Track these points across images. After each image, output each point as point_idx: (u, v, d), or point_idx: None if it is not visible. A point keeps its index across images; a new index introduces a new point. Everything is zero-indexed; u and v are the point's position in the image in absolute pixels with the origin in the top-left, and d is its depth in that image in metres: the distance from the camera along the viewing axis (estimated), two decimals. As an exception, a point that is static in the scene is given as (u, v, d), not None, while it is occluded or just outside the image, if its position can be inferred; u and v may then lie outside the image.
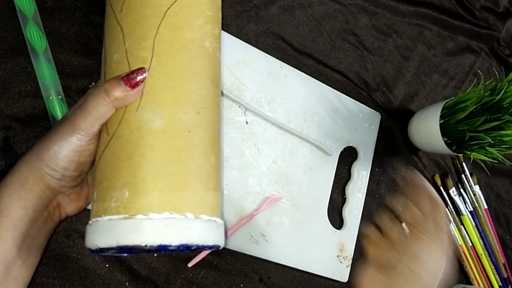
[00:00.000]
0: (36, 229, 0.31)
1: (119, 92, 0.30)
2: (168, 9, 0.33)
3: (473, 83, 0.73)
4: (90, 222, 0.31)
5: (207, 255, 0.47)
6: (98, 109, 0.30)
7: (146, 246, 0.28)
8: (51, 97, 0.41)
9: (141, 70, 0.31)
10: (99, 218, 0.30)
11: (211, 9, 0.36)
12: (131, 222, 0.28)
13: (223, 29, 0.45)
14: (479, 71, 0.74)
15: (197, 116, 0.32)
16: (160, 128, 0.31)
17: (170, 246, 0.29)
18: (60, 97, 0.41)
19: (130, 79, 0.30)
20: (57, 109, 0.41)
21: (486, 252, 0.68)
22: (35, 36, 0.41)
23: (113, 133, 0.31)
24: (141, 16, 0.33)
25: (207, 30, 0.35)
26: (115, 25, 0.33)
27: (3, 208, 0.30)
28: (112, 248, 0.29)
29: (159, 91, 0.31)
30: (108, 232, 0.29)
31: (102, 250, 0.29)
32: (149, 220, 0.28)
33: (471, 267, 0.67)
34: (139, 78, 0.31)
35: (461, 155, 0.69)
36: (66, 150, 0.31)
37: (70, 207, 0.35)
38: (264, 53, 0.53)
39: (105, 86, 0.30)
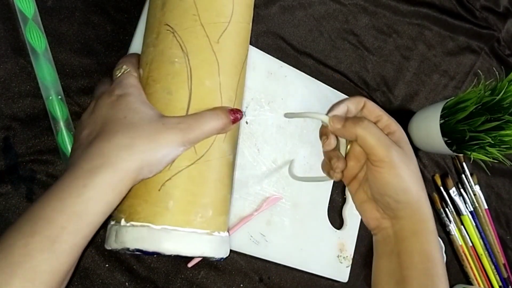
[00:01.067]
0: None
1: (227, 121, 0.35)
2: (245, 59, 0.39)
3: (473, 83, 0.73)
4: (163, 227, 0.33)
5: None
6: (210, 128, 0.34)
7: (215, 258, 0.36)
8: (50, 97, 0.41)
9: (241, 112, 0.37)
10: (178, 228, 0.33)
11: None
12: (212, 238, 0.35)
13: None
14: (479, 71, 0.74)
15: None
16: (231, 161, 0.38)
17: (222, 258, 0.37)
18: (60, 97, 0.41)
19: (236, 114, 0.36)
20: (57, 109, 0.41)
21: (486, 252, 0.68)
22: (35, 36, 0.41)
23: (203, 155, 0.35)
24: (234, 55, 0.38)
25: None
26: (208, 52, 0.36)
27: (88, 208, 0.29)
28: (192, 257, 0.35)
29: (233, 130, 0.38)
30: (193, 243, 0.34)
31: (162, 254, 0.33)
32: (220, 237, 0.36)
33: (471, 267, 0.67)
34: (239, 117, 0.36)
35: (461, 155, 0.69)
36: (172, 156, 0.33)
37: None
38: (264, 53, 0.53)
39: (217, 112, 0.35)
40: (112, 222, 0.34)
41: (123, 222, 0.33)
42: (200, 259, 0.46)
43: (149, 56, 0.37)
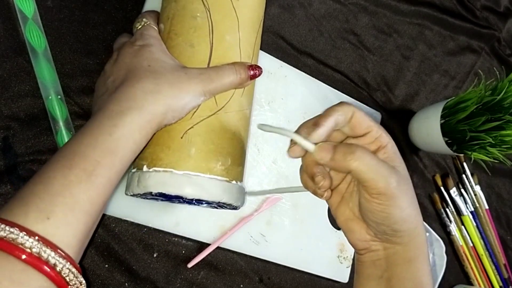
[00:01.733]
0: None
1: (245, 76, 0.37)
2: (262, 19, 0.41)
3: (474, 83, 0.72)
4: (185, 172, 0.34)
5: (207, 255, 0.47)
6: (230, 81, 0.36)
7: (231, 204, 0.37)
8: (50, 97, 0.41)
9: (260, 68, 0.38)
10: (200, 174, 0.35)
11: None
12: (231, 186, 0.37)
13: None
14: (480, 71, 0.74)
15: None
16: (248, 115, 0.40)
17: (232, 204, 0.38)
18: (59, 96, 0.41)
19: (254, 70, 0.37)
20: (56, 109, 0.41)
21: (487, 252, 0.68)
22: (35, 36, 0.41)
23: (223, 106, 0.37)
24: (252, 12, 0.39)
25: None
26: (229, 8, 0.38)
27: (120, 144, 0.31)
28: (207, 202, 0.36)
29: (250, 86, 0.40)
30: (213, 189, 0.35)
31: (183, 199, 0.35)
32: (238, 186, 0.38)
33: (471, 268, 0.67)
34: (258, 73, 0.38)
35: (462, 155, 0.69)
36: (193, 104, 0.35)
37: None
38: (264, 52, 0.53)
39: (238, 67, 0.36)
40: (134, 170, 0.36)
41: (145, 168, 0.35)
42: (200, 259, 0.46)
43: (170, 11, 0.38)
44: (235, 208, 0.39)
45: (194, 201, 0.36)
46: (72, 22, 0.44)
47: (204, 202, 0.37)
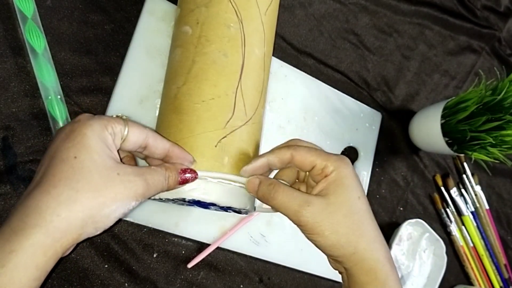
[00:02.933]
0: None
1: (173, 183, 0.33)
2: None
3: (474, 83, 0.72)
4: (220, 180, 0.35)
5: (207, 255, 0.47)
6: (160, 186, 0.32)
7: (249, 211, 0.39)
8: (50, 97, 0.41)
9: (195, 172, 0.34)
10: (233, 183, 0.36)
11: None
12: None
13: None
14: (480, 71, 0.74)
15: None
16: (262, 127, 0.41)
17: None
18: (59, 96, 0.41)
19: (185, 175, 0.34)
20: (56, 109, 0.41)
21: (487, 252, 0.68)
22: (34, 36, 0.41)
23: (251, 117, 0.38)
24: (273, 28, 0.42)
25: None
26: (258, 22, 0.39)
27: (13, 282, 0.25)
28: (232, 209, 0.37)
29: (265, 97, 0.41)
30: (242, 197, 0.37)
31: (215, 205, 0.36)
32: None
33: (472, 268, 0.67)
34: (190, 179, 0.34)
35: (462, 155, 0.69)
36: (121, 211, 0.29)
37: None
38: (264, 52, 0.53)
39: (168, 173, 0.33)
40: None
41: None
42: (199, 260, 0.46)
43: (200, 16, 0.38)
44: (246, 213, 0.40)
45: (210, 206, 0.37)
46: (72, 22, 0.44)
47: (226, 209, 0.37)
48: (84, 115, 0.31)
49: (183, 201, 0.36)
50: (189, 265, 0.45)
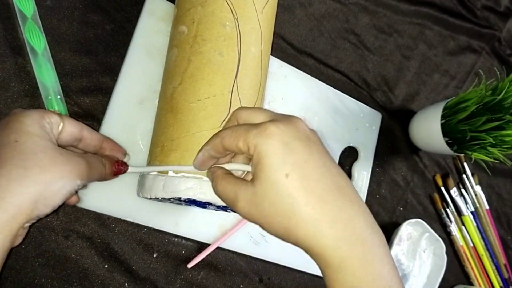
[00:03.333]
0: None
1: (109, 171, 0.35)
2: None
3: (474, 83, 0.72)
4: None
5: (207, 255, 0.47)
6: (99, 172, 0.34)
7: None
8: (50, 97, 0.41)
9: (126, 165, 0.37)
10: None
11: None
12: None
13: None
14: (480, 71, 0.74)
15: None
16: None
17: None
18: (59, 96, 0.41)
19: (119, 167, 0.36)
20: (56, 109, 0.41)
21: (487, 252, 0.68)
22: (34, 36, 0.41)
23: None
24: (271, 26, 0.41)
25: None
26: (255, 21, 0.38)
27: None
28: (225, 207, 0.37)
29: (263, 96, 0.41)
30: None
31: (211, 204, 0.36)
32: None
33: (472, 268, 0.67)
34: (122, 171, 0.36)
35: (462, 155, 0.69)
36: (68, 189, 0.30)
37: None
38: (264, 52, 0.53)
39: (104, 160, 0.35)
40: (154, 173, 0.36)
41: (171, 173, 0.35)
42: (199, 260, 0.46)
43: (196, 15, 0.38)
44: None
45: (206, 205, 0.36)
46: (72, 22, 0.44)
47: (224, 208, 0.37)
48: (18, 109, 0.32)
49: (179, 201, 0.36)
50: (189, 265, 0.45)
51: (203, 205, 0.36)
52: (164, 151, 0.36)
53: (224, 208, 0.38)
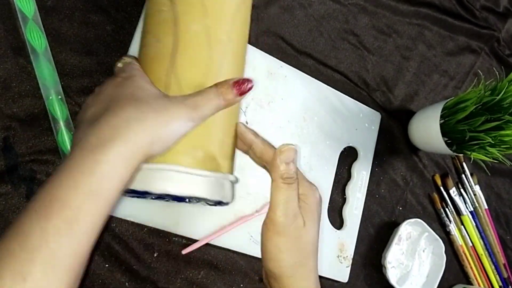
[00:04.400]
0: None
1: (231, 96, 0.34)
2: (241, 2, 0.39)
3: (473, 83, 0.73)
4: (154, 166, 0.33)
5: (206, 254, 0.47)
6: (216, 105, 0.34)
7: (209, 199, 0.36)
8: (51, 97, 0.41)
9: (249, 80, 0.35)
10: (172, 167, 0.34)
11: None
12: (204, 180, 0.36)
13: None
14: (479, 71, 0.74)
15: None
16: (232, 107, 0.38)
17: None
18: (60, 97, 0.41)
19: (241, 87, 0.35)
20: (57, 109, 0.41)
21: (486, 252, 0.68)
22: (35, 36, 0.41)
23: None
24: (222, 0, 0.38)
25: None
26: (195, 2, 0.36)
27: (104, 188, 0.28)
28: (183, 198, 0.35)
29: (225, 72, 0.37)
30: (183, 182, 0.35)
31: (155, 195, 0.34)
32: (215, 178, 0.36)
33: (471, 267, 0.67)
34: (248, 87, 0.35)
35: (461, 155, 0.69)
36: (181, 131, 0.32)
37: None
38: (264, 53, 0.53)
39: (221, 90, 0.34)
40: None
41: (146, 167, 0.34)
42: (196, 247, 0.45)
43: (144, 11, 0.39)
44: (221, 203, 0.37)
45: (152, 195, 0.35)
46: (72, 22, 0.44)
47: (179, 198, 0.36)
48: (122, 68, 0.35)
49: (153, 196, 0.35)
50: (184, 252, 0.45)
51: (180, 199, 0.35)
52: None
53: (177, 198, 0.36)
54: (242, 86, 0.35)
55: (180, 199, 0.35)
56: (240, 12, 0.39)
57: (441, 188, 0.67)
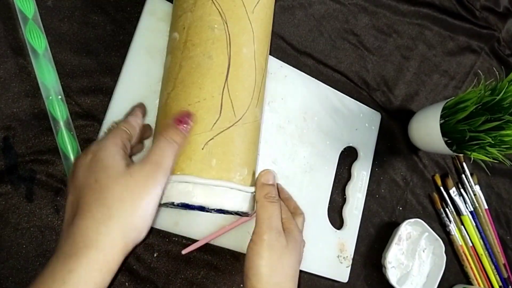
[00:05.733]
0: None
1: (179, 137, 0.34)
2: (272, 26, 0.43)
3: (474, 83, 0.73)
4: (204, 182, 0.35)
5: (206, 254, 0.47)
6: (171, 153, 0.34)
7: (247, 213, 0.40)
8: (50, 97, 0.41)
9: (187, 113, 0.36)
10: (222, 184, 0.36)
11: None
12: (249, 195, 0.39)
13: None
14: (480, 71, 0.74)
15: None
16: (260, 125, 0.41)
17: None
18: (60, 97, 0.41)
19: (182, 122, 0.35)
20: (57, 109, 0.41)
21: (486, 252, 0.68)
22: (35, 36, 0.41)
23: (241, 118, 0.37)
24: (265, 25, 0.41)
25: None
26: (245, 21, 0.38)
27: None
28: (226, 211, 0.38)
29: (261, 96, 0.40)
30: (234, 199, 0.37)
31: (204, 209, 0.36)
32: (252, 195, 0.40)
33: (471, 267, 0.67)
34: (187, 123, 0.35)
35: (461, 155, 0.69)
36: (153, 205, 0.32)
37: None
38: (264, 53, 0.53)
39: (168, 135, 0.34)
40: None
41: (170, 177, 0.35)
42: (196, 247, 0.45)
43: (186, 21, 0.38)
44: (247, 215, 0.40)
45: (207, 209, 0.37)
46: (72, 22, 0.44)
47: (223, 211, 0.38)
48: (96, 143, 0.34)
49: (173, 205, 0.37)
50: (184, 252, 0.45)
51: (198, 208, 0.36)
52: None
53: (219, 211, 0.38)
54: (183, 120, 0.35)
55: (207, 209, 0.37)
56: (269, 38, 0.42)
57: (441, 188, 0.67)
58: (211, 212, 0.38)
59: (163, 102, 0.39)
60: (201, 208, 0.36)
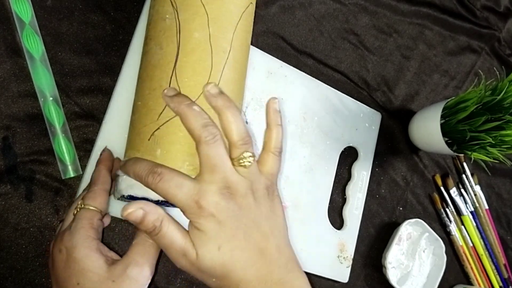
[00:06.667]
0: None
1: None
2: (244, 11, 0.39)
3: (474, 83, 0.73)
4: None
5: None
6: (153, 253, 0.35)
7: None
8: (47, 103, 0.41)
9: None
10: None
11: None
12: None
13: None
14: (480, 71, 0.74)
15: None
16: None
17: None
18: (56, 102, 0.41)
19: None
20: (53, 114, 0.41)
21: (486, 252, 0.68)
22: (32, 42, 0.41)
23: None
24: (226, 7, 0.38)
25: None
26: (197, 6, 0.37)
27: None
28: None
29: (227, 79, 0.37)
30: None
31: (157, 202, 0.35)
32: None
33: (471, 268, 0.67)
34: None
35: (461, 155, 0.69)
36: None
37: None
38: (264, 52, 0.53)
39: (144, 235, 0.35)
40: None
41: (120, 172, 0.36)
42: None
43: (148, 18, 0.39)
44: None
45: (160, 202, 0.36)
46: (72, 22, 0.44)
47: (160, 202, 0.36)
48: (70, 242, 0.33)
49: (125, 198, 0.36)
50: None
51: (149, 201, 0.36)
52: (125, 150, 0.38)
53: (164, 204, 0.37)
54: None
55: (160, 202, 0.36)
56: (243, 21, 0.39)
57: (442, 188, 0.67)
58: (168, 206, 0.37)
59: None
60: (157, 202, 0.35)
